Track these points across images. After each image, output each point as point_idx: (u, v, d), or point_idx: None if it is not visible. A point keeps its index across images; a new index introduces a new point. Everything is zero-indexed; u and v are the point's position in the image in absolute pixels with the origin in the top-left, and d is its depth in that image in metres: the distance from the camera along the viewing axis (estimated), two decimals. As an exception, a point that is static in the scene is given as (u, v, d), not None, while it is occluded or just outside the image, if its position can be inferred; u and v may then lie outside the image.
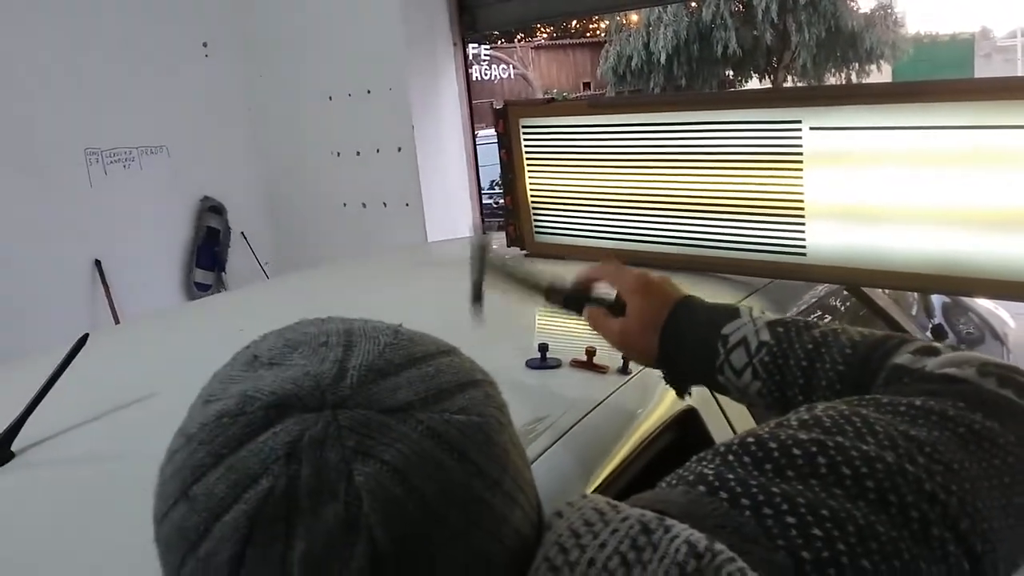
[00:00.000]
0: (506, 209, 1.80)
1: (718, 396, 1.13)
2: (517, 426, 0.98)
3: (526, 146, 1.72)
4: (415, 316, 1.13)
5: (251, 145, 4.68)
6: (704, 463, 0.61)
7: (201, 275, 4.51)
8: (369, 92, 4.22)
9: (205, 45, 4.45)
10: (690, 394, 0.99)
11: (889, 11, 15.96)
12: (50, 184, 3.81)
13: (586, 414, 1.04)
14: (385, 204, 4.34)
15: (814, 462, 0.58)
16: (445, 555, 0.42)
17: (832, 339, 0.82)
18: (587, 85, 17.60)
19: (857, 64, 15.70)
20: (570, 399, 1.08)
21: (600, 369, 1.15)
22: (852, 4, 15.64)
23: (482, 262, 1.12)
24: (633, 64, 15.75)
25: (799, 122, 1.35)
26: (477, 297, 1.14)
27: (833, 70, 16.03)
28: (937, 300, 2.66)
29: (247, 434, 0.43)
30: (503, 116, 1.71)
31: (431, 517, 0.42)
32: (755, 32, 15.44)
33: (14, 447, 1.07)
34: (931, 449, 0.60)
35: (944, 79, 1.55)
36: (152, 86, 4.16)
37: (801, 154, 1.37)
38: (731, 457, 0.60)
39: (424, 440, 0.44)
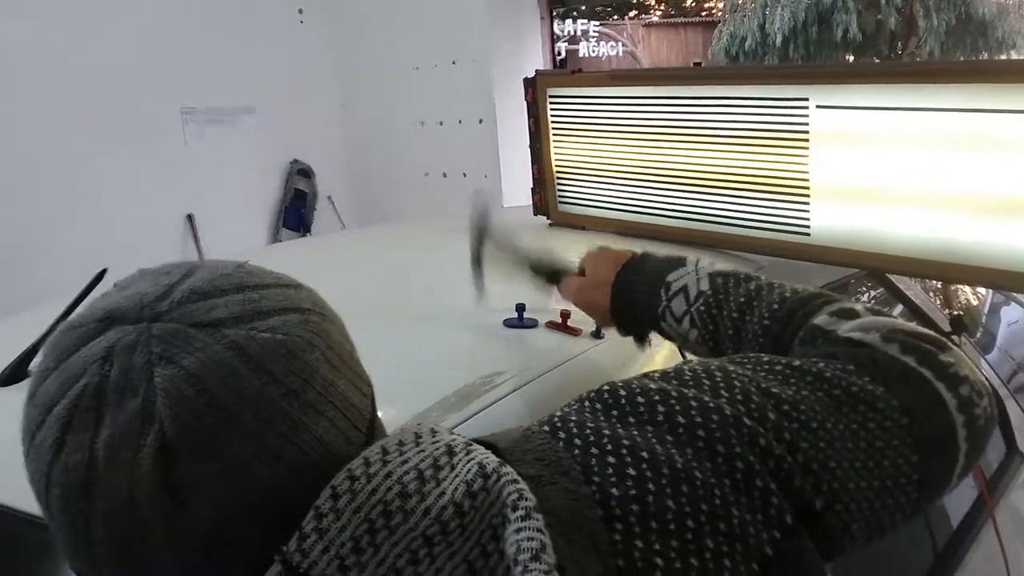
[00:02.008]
0: (533, 178, 1.83)
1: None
2: (475, 378, 1.04)
3: (552, 116, 1.75)
4: (442, 271, 1.20)
5: (340, 112, 4.81)
6: (562, 409, 0.65)
7: (287, 235, 4.68)
8: (454, 63, 4.29)
9: (300, 12, 4.60)
10: (650, 343, 1.02)
11: (1025, -1, 15.07)
12: (147, 141, 4.01)
13: (544, 373, 1.07)
14: (464, 175, 4.41)
15: (654, 410, 0.61)
16: (233, 448, 0.48)
17: (765, 293, 0.83)
18: (697, 66, 17.09)
19: (986, 54, 14.87)
20: (535, 357, 1.11)
21: (573, 332, 1.18)
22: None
23: (480, 233, 1.20)
24: (747, 46, 15.32)
25: (806, 100, 1.34)
26: (478, 264, 1.22)
27: (961, 59, 15.23)
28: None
29: (80, 343, 0.51)
30: (532, 86, 1.75)
31: (220, 415, 0.48)
32: (879, 16, 14.79)
33: (30, 368, 1.18)
34: (790, 407, 0.63)
35: (958, 60, 1.49)
36: (248, 50, 4.32)
37: (807, 132, 1.35)
38: (586, 404, 0.64)
39: (225, 351, 0.49)
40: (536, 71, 1.76)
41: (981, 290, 2.74)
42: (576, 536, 0.52)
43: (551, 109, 1.74)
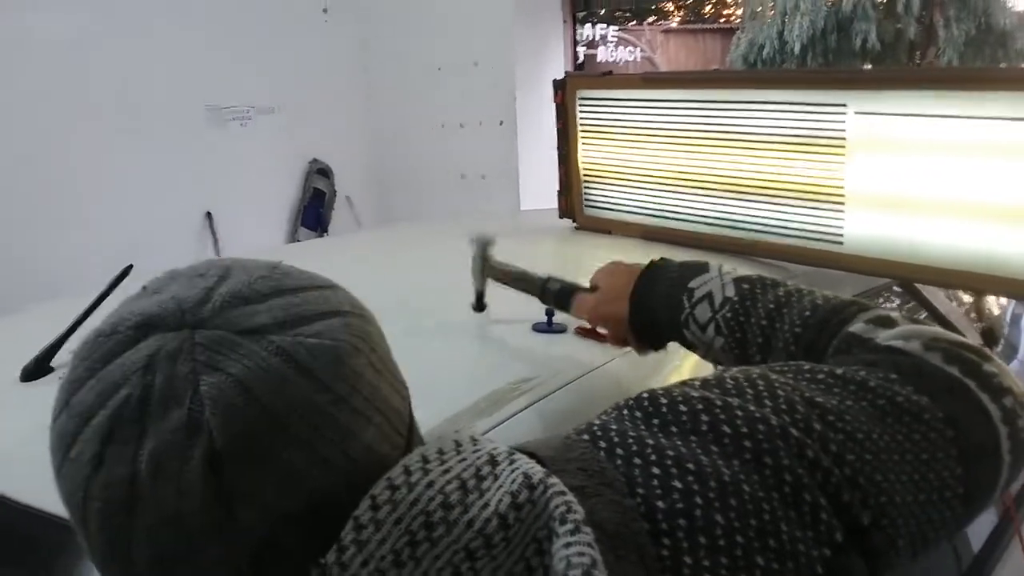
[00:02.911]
0: (560, 181, 1.82)
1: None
2: (504, 384, 1.02)
3: (581, 118, 1.73)
4: (464, 273, 1.19)
5: (361, 112, 4.81)
6: (600, 417, 0.63)
7: (305, 234, 4.68)
8: (476, 65, 4.28)
9: (325, 11, 4.59)
10: (665, 348, 1.00)
11: (1047, 10, 14.95)
12: (169, 137, 4.02)
13: (574, 379, 1.05)
14: (483, 177, 4.40)
15: (697, 419, 0.59)
16: (283, 457, 0.46)
17: (795, 300, 0.81)
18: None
19: (1006, 65, 14.77)
20: (565, 364, 1.10)
21: (603, 338, 1.15)
22: (1006, 1, 14.67)
23: (483, 271, 1.19)
24: (765, 53, 15.24)
25: (844, 105, 1.32)
26: (480, 306, 1.22)
27: (1006, 66, 15.06)
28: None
29: (117, 351, 0.48)
30: (562, 87, 1.73)
31: (270, 424, 0.46)
32: (898, 25, 14.71)
33: (54, 363, 1.17)
34: (835, 417, 0.60)
35: (1001, 67, 1.47)
36: (272, 48, 4.32)
37: (844, 139, 1.33)
38: (625, 412, 0.62)
39: (272, 358, 0.47)
40: (566, 73, 1.74)
41: (1002, 300, 2.71)
42: (624, 551, 0.51)
43: (580, 111, 1.72)
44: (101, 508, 0.46)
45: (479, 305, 1.22)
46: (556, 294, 1.11)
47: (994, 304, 2.71)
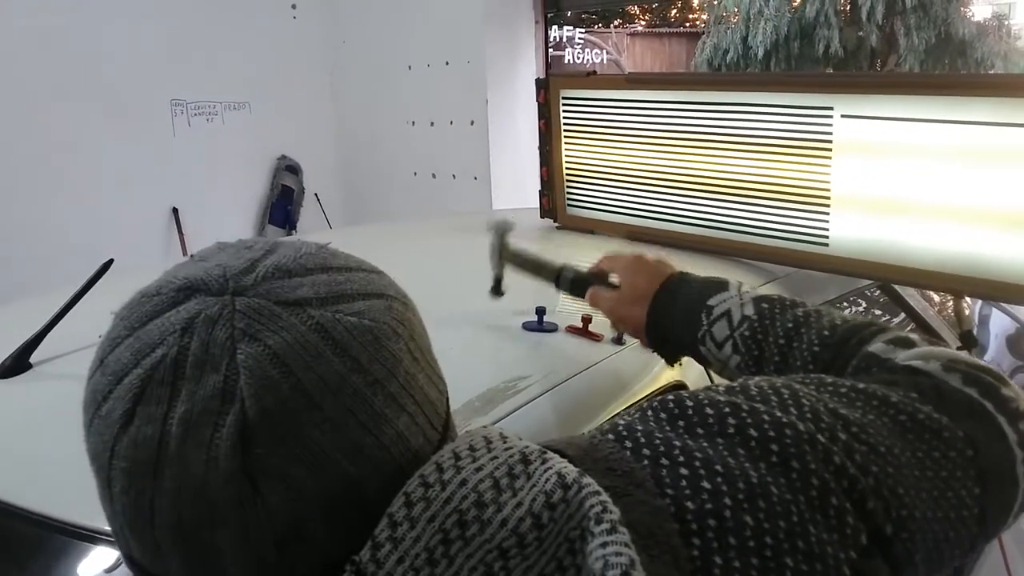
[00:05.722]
0: (542, 180, 1.81)
1: (712, 373, 1.14)
2: (497, 383, 1.01)
3: (565, 118, 1.73)
4: (445, 271, 1.17)
5: (330, 109, 4.77)
6: (624, 417, 0.63)
7: (272, 231, 4.62)
8: (447, 64, 4.26)
9: (294, 7, 4.55)
10: (680, 363, 1.01)
11: (1005, 21, 15.28)
12: (135, 131, 3.95)
13: (568, 378, 1.05)
14: (454, 176, 4.38)
15: (724, 422, 0.59)
16: (314, 435, 0.46)
17: (814, 320, 0.82)
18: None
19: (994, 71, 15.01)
20: (557, 362, 1.09)
21: (594, 337, 1.16)
22: (965, 11, 14.97)
23: (501, 256, 1.19)
24: (729, 58, 15.43)
25: (831, 109, 1.33)
26: (498, 291, 1.22)
27: (992, 72, 15.32)
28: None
29: (157, 311, 0.48)
30: (544, 87, 1.72)
31: (304, 399, 0.45)
32: (860, 33, 14.95)
33: (32, 359, 1.14)
34: (858, 429, 0.61)
35: (987, 74, 1.49)
36: (240, 43, 4.27)
37: (831, 142, 1.34)
38: (649, 413, 0.62)
39: (310, 333, 0.47)
40: (548, 72, 1.73)
41: (967, 300, 2.75)
42: (657, 551, 0.51)
43: (564, 111, 1.72)
44: (127, 468, 0.46)
45: (497, 290, 1.22)
46: (571, 283, 1.11)
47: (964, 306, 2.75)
